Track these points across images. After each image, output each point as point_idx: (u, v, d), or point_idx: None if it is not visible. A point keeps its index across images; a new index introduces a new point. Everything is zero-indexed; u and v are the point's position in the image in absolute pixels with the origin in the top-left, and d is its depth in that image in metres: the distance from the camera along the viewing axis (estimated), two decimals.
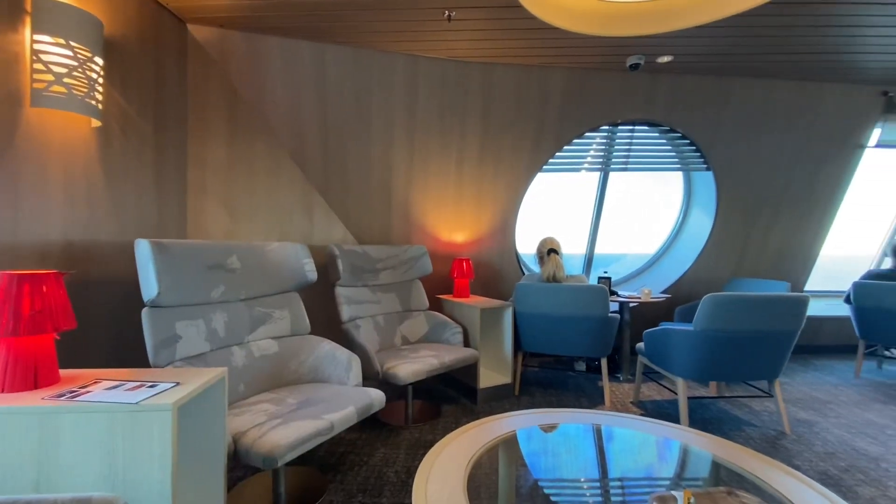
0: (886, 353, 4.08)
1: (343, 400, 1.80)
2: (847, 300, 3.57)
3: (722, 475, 1.40)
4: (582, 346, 2.89)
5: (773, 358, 2.44)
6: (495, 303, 3.03)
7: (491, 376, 3.03)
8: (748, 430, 2.53)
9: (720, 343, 2.36)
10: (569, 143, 3.50)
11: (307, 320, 2.30)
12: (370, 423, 2.53)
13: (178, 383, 1.26)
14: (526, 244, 3.83)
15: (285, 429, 1.53)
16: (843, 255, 5.02)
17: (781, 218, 3.92)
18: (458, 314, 3.06)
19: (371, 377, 2.40)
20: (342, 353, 2.11)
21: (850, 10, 2.44)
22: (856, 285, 3.46)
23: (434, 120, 3.18)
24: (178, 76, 2.52)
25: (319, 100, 2.91)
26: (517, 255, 3.82)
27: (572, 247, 4.37)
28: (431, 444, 1.56)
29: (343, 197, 3.17)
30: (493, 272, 3.75)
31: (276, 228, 2.96)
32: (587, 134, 3.56)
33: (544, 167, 3.53)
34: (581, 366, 3.57)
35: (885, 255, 4.59)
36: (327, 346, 2.17)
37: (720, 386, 3.05)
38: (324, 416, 1.63)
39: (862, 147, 3.76)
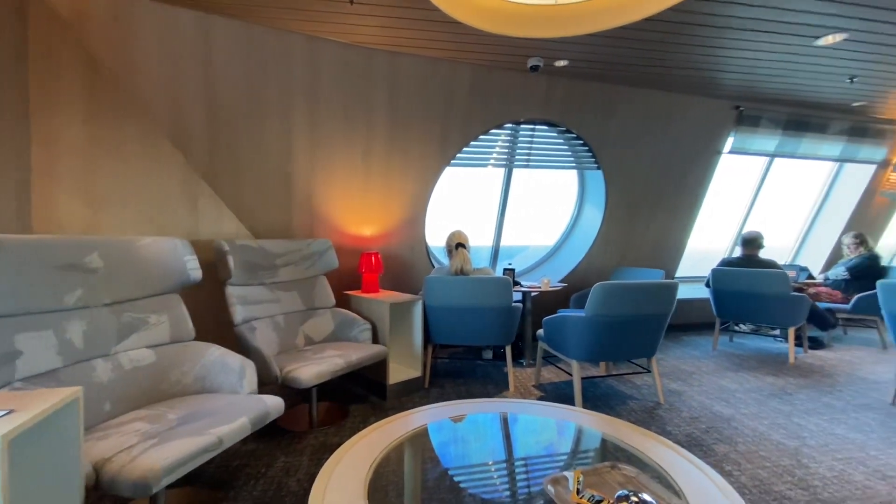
0: (736, 328, 4.85)
1: (234, 410, 1.64)
2: (707, 284, 4.16)
3: (609, 450, 1.52)
4: (488, 336, 2.99)
5: (651, 337, 2.74)
6: (405, 297, 3.00)
7: (401, 371, 3.00)
8: (631, 403, 2.83)
9: (608, 326, 2.59)
10: (476, 138, 3.58)
11: (191, 325, 2.06)
12: (270, 431, 2.36)
13: (11, 410, 1.04)
14: (438, 237, 3.86)
15: (162, 449, 1.34)
16: (704, 247, 5.85)
17: (658, 214, 4.44)
18: (367, 310, 2.98)
19: (269, 382, 2.23)
20: (234, 358, 1.93)
21: (710, 32, 2.80)
22: (713, 271, 4.05)
23: (338, 107, 3.04)
24: (15, 37, 2.08)
25: (205, 78, 2.60)
26: (427, 248, 3.83)
27: (481, 239, 4.51)
28: (338, 447, 1.49)
29: (235, 187, 2.89)
30: (403, 266, 3.72)
31: (152, 221, 2.61)
32: (493, 131, 3.67)
33: (453, 161, 3.57)
34: (488, 354, 3.70)
35: (736, 245, 5.42)
36: (216, 353, 1.96)
37: (608, 365, 3.37)
38: (210, 431, 1.47)
39: (719, 153, 4.39)
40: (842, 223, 5.32)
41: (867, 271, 4.38)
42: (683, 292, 4.95)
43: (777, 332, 4.52)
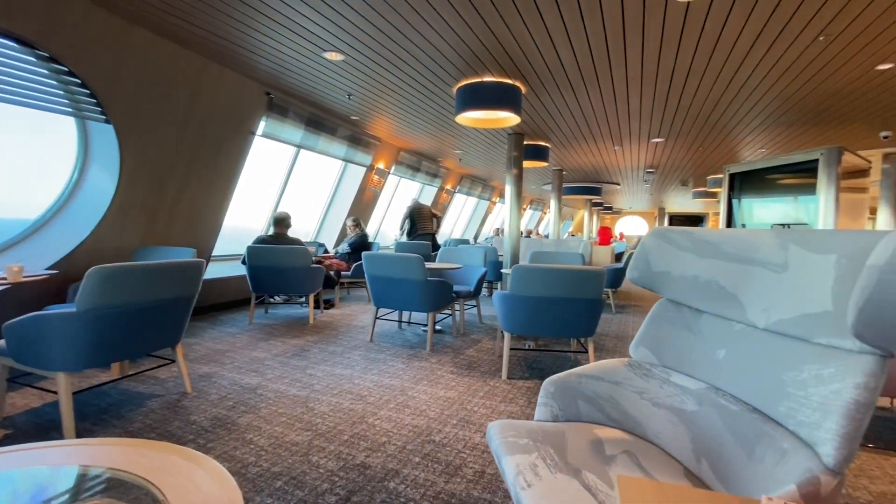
0: (271, 300, 5.28)
1: None
2: (243, 262, 4.25)
3: (97, 484, 1.15)
4: None
5: (174, 324, 2.43)
6: None
7: None
8: (151, 402, 2.43)
9: (113, 320, 2.07)
10: None
11: None
12: None
13: None
14: None
15: None
16: (246, 225, 6.02)
17: (190, 187, 4.07)
18: None
19: None
20: None
21: (243, 8, 2.73)
22: (247, 249, 4.17)
23: None
24: None
25: None
26: None
27: None
28: None
29: None
30: None
31: None
32: None
33: None
34: None
35: (269, 224, 5.87)
36: None
37: (124, 365, 2.77)
38: None
39: (253, 133, 4.53)
40: (346, 209, 6.87)
41: (361, 246, 5.86)
42: (221, 271, 4.88)
43: (303, 298, 5.28)
